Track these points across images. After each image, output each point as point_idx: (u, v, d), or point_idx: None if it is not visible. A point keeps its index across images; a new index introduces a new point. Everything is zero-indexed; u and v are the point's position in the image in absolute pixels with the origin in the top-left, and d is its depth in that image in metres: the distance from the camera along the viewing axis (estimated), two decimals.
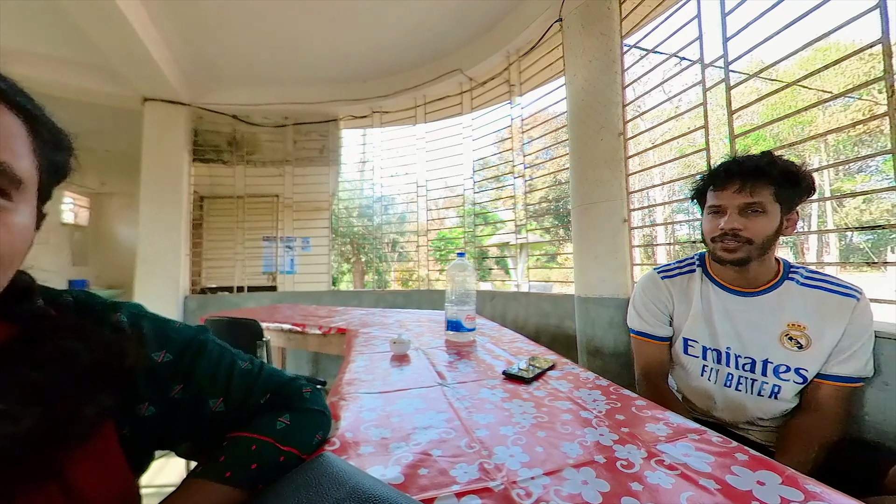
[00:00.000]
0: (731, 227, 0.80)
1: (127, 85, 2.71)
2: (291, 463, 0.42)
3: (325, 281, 3.28)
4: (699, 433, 0.52)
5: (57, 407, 0.30)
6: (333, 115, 3.31)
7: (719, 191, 0.83)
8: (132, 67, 2.48)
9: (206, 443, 0.43)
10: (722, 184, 0.82)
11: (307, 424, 0.47)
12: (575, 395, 0.68)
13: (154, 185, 2.90)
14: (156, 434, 0.40)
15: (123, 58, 2.36)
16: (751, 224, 0.79)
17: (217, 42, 2.60)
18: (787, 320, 0.81)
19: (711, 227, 0.84)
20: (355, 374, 0.81)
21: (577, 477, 0.43)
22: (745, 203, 0.79)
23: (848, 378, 0.77)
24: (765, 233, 0.79)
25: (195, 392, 0.42)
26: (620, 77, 1.69)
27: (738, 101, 1.28)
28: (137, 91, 2.81)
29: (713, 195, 0.85)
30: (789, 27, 1.08)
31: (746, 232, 0.79)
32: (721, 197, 0.82)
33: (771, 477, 0.41)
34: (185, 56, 2.70)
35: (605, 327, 1.66)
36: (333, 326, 1.48)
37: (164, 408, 0.39)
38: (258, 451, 0.40)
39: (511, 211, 2.62)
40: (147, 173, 2.89)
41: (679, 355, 0.94)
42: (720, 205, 0.83)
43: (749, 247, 0.79)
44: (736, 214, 0.80)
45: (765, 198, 0.78)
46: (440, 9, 2.33)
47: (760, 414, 0.85)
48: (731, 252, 0.81)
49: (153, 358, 0.40)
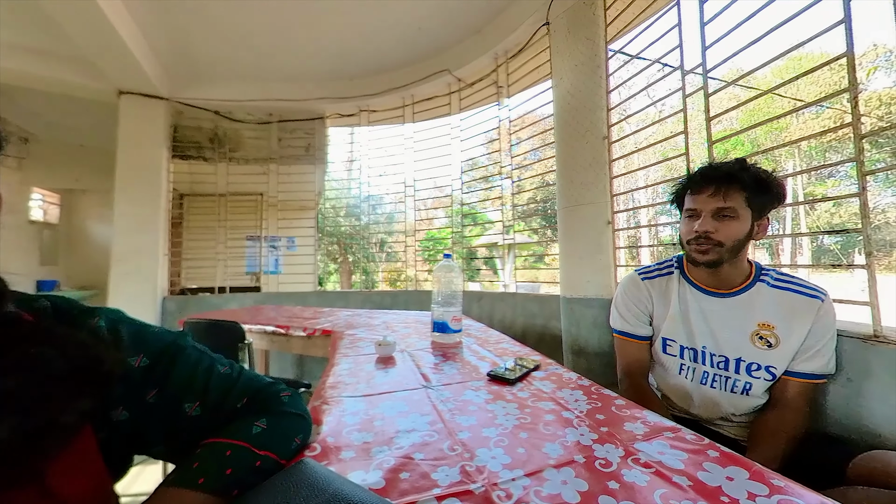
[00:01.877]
0: (704, 229, 0.83)
1: (101, 77, 2.60)
2: (269, 468, 0.41)
3: (310, 282, 3.23)
4: (674, 431, 0.54)
5: (34, 415, 0.29)
6: (320, 112, 3.26)
7: (695, 195, 0.87)
8: (107, 59, 2.38)
9: (184, 447, 0.42)
10: (698, 188, 0.86)
11: (285, 428, 0.46)
12: (558, 395, 0.69)
13: (130, 182, 2.79)
14: (131, 438, 0.39)
15: (97, 48, 2.27)
16: (723, 227, 0.82)
17: (198, 35, 2.53)
18: (758, 320, 0.84)
19: (687, 229, 0.88)
20: (339, 378, 0.80)
21: (557, 477, 0.43)
22: (717, 207, 0.82)
23: (812, 375, 0.81)
24: (736, 236, 0.82)
25: (171, 396, 0.42)
26: (605, 81, 1.73)
27: (717, 107, 1.33)
28: (113, 84, 2.70)
29: (690, 199, 0.89)
30: (764, 38, 1.12)
31: (718, 235, 0.82)
32: (696, 201, 0.86)
33: (739, 472, 0.43)
34: (164, 48, 2.61)
35: (589, 327, 1.69)
36: (318, 328, 1.46)
37: (137, 412, 0.39)
38: (233, 457, 0.40)
39: (499, 211, 2.64)
40: (123, 169, 2.78)
41: (658, 354, 0.97)
42: (695, 208, 0.86)
43: (720, 249, 0.83)
44: (709, 218, 0.83)
45: (737, 203, 0.81)
46: (429, 9, 2.32)
47: (733, 410, 0.88)
48: (703, 254, 0.85)
49: (130, 363, 0.39)
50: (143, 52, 2.47)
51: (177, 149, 3.09)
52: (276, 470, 0.41)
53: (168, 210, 2.99)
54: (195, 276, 3.39)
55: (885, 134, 3.47)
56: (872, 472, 0.66)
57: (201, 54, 2.74)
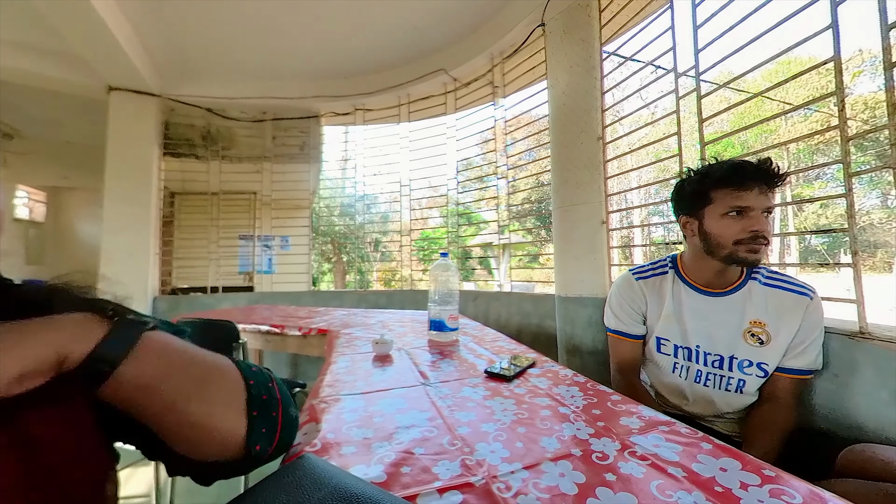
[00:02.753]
0: (764, 228, 0.79)
1: (90, 73, 2.55)
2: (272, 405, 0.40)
3: (304, 281, 3.20)
4: (669, 425, 0.55)
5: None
6: (314, 111, 3.24)
7: (744, 191, 0.79)
8: (97, 54, 2.34)
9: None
10: (748, 185, 0.79)
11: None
12: (554, 391, 0.70)
13: (120, 180, 2.75)
14: (118, 421, 0.37)
15: (87, 44, 2.23)
16: (768, 226, 0.80)
17: (190, 31, 2.49)
18: (750, 318, 0.86)
19: (737, 228, 0.80)
20: (337, 376, 0.80)
21: (555, 470, 0.44)
22: (767, 206, 0.80)
23: (801, 370, 0.83)
24: (771, 234, 0.81)
25: None
26: (600, 83, 1.75)
27: (709, 109, 1.35)
28: (102, 80, 2.65)
29: (735, 195, 0.80)
30: (754, 42, 1.15)
31: (768, 234, 0.80)
32: (747, 198, 0.79)
33: (732, 463, 0.44)
34: (156, 45, 2.57)
35: (583, 326, 1.71)
36: (314, 327, 1.45)
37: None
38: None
39: (494, 211, 2.65)
40: (112, 167, 2.73)
41: (652, 353, 0.98)
42: (747, 206, 0.79)
43: (766, 248, 0.81)
44: (761, 216, 0.80)
45: (774, 201, 0.81)
46: (425, 8, 2.33)
47: (727, 408, 0.90)
48: (755, 253, 0.80)
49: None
50: (134, 48, 2.43)
51: (168, 146, 3.05)
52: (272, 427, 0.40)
53: (159, 208, 2.95)
54: (187, 275, 3.34)
55: (869, 137, 3.56)
56: (858, 465, 0.68)
57: (194, 51, 2.71)
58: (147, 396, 0.31)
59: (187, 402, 0.33)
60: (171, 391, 0.32)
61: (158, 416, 0.33)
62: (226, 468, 0.38)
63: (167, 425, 0.33)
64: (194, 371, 0.35)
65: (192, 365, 0.36)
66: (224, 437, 0.36)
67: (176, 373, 0.34)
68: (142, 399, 0.31)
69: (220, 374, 0.38)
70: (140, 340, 0.32)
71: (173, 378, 0.33)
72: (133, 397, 0.31)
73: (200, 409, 0.34)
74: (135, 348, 0.31)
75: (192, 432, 0.34)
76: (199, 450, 0.35)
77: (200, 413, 0.34)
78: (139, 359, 0.31)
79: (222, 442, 0.36)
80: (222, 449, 0.36)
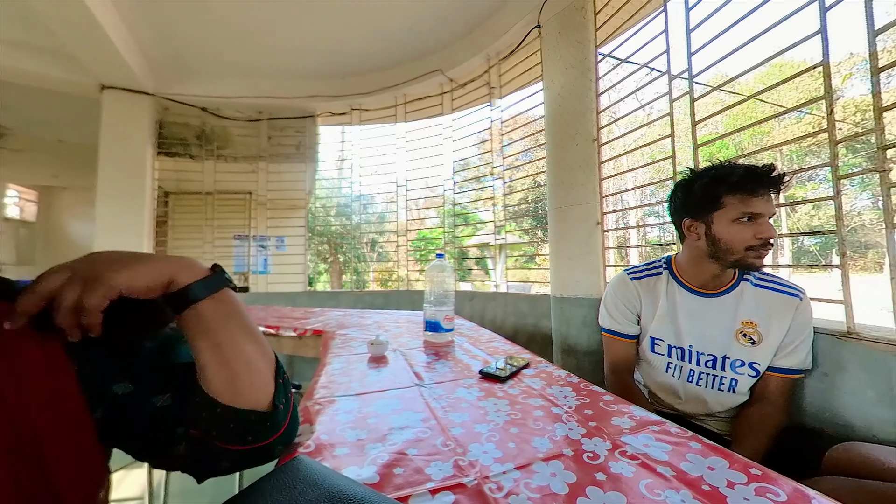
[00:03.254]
0: (772, 234, 0.80)
1: (83, 71, 2.53)
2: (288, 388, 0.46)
3: (300, 281, 3.19)
4: (659, 424, 0.56)
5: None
6: (311, 111, 3.23)
7: (754, 197, 0.80)
8: (89, 52, 2.31)
9: (156, 443, 0.41)
10: (757, 191, 0.80)
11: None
12: (547, 392, 0.70)
13: (113, 179, 2.72)
14: (122, 421, 0.40)
15: (79, 41, 2.20)
16: (774, 231, 0.81)
17: (185, 30, 2.48)
18: (742, 318, 0.87)
19: (748, 234, 0.81)
20: (331, 377, 0.80)
21: (547, 470, 0.45)
22: (773, 212, 0.81)
23: (791, 370, 0.85)
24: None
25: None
26: (595, 84, 1.76)
27: (702, 111, 1.36)
28: (95, 78, 2.62)
29: (747, 201, 0.80)
30: (746, 45, 1.16)
31: (775, 239, 0.81)
32: (757, 204, 0.80)
33: (720, 462, 0.45)
34: (150, 43, 2.55)
35: (578, 326, 1.72)
36: (309, 328, 1.45)
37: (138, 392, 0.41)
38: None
39: (491, 212, 2.65)
40: (105, 166, 2.71)
41: (646, 353, 0.99)
42: (758, 212, 0.80)
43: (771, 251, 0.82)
44: (768, 222, 0.81)
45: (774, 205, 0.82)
46: (421, 8, 2.33)
47: (719, 407, 0.91)
48: (762, 259, 0.81)
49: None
50: (127, 46, 2.41)
51: (162, 146, 3.03)
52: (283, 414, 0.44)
53: (153, 208, 2.92)
54: None
55: (861, 139, 3.58)
56: (845, 463, 0.69)
57: (188, 49, 2.69)
58: (215, 328, 0.40)
59: (243, 342, 0.42)
60: (233, 329, 0.41)
61: (220, 346, 0.40)
62: (244, 427, 0.41)
63: (223, 356, 0.40)
64: (251, 325, 0.44)
65: (249, 321, 0.44)
66: (262, 384, 0.42)
67: (239, 319, 0.42)
68: (212, 327, 0.40)
69: (263, 339, 0.45)
70: (221, 290, 0.41)
71: (236, 322, 0.42)
72: (206, 325, 0.40)
73: (251, 352, 0.42)
74: (216, 294, 0.41)
75: (241, 367, 0.41)
76: (240, 390, 0.40)
77: (251, 354, 0.42)
78: (216, 300, 0.40)
79: (257, 388, 0.42)
80: (258, 394, 0.42)
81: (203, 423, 0.40)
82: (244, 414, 0.40)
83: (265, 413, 0.41)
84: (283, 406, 0.43)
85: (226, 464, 0.42)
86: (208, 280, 0.41)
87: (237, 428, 0.40)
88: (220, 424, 0.39)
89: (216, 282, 0.41)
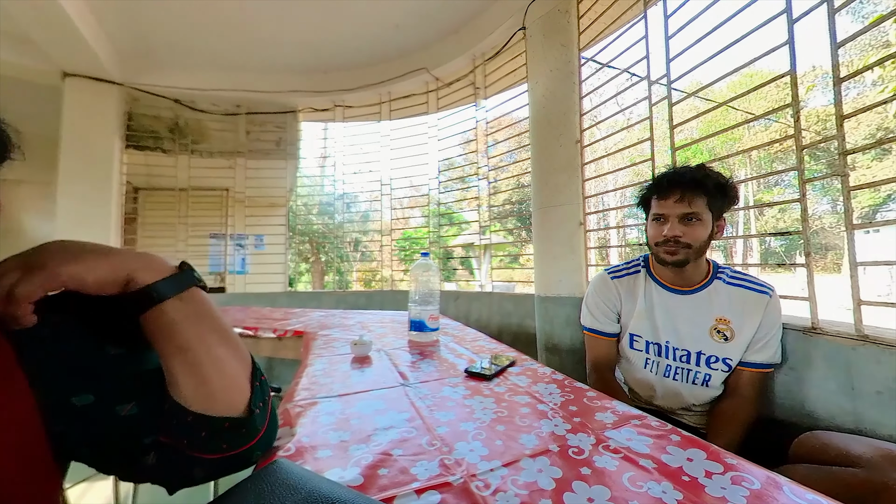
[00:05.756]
0: (673, 234, 0.88)
1: (42, 56, 2.36)
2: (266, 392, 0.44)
3: (280, 282, 3.11)
4: (640, 419, 0.57)
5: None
6: (292, 106, 3.15)
7: (662, 200, 0.91)
8: (49, 36, 2.16)
9: (122, 454, 0.38)
10: (665, 194, 0.90)
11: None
12: (533, 389, 0.71)
13: (76, 173, 2.56)
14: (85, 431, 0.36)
15: (38, 24, 2.06)
16: (689, 231, 0.88)
17: (156, 17, 2.36)
18: (716, 315, 0.91)
19: (656, 233, 0.93)
20: (313, 379, 0.78)
21: (533, 466, 0.45)
22: (684, 212, 0.88)
23: (762, 364, 0.89)
24: (701, 238, 0.88)
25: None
26: (578, 87, 1.79)
27: (680, 116, 1.41)
28: (56, 64, 2.46)
29: (657, 204, 0.93)
30: (720, 54, 1.21)
31: (686, 238, 0.88)
32: (664, 206, 0.91)
33: (698, 453, 0.46)
34: (117, 28, 2.41)
35: (562, 325, 1.74)
36: (290, 329, 1.41)
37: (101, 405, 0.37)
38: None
39: (475, 212, 2.66)
40: (67, 159, 2.55)
41: (626, 350, 1.02)
42: (663, 213, 0.91)
43: (688, 251, 0.88)
44: (677, 222, 0.88)
45: (700, 207, 0.87)
46: (408, 5, 2.31)
47: (694, 400, 0.94)
48: (672, 255, 0.90)
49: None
50: (92, 32, 2.27)
51: (131, 138, 2.87)
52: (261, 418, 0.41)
53: (121, 205, 2.77)
54: None
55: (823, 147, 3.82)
56: (811, 451, 0.73)
57: (160, 38, 2.57)
58: (183, 330, 0.37)
59: (215, 344, 0.39)
60: (203, 331, 0.38)
61: (189, 349, 0.37)
62: (218, 436, 0.38)
63: (194, 360, 0.37)
64: (223, 326, 0.41)
65: (222, 322, 0.41)
66: (237, 388, 0.39)
67: (210, 320, 0.39)
68: (180, 330, 0.37)
69: (238, 341, 0.42)
70: (188, 289, 0.38)
71: (207, 323, 0.39)
72: (172, 328, 0.37)
73: (225, 354, 0.39)
74: (183, 294, 0.38)
75: (213, 372, 0.38)
76: (211, 396, 0.37)
77: (224, 356, 0.39)
78: (183, 300, 0.37)
79: (231, 394, 0.39)
80: (232, 399, 0.39)
81: (173, 432, 0.37)
82: (218, 421, 0.37)
83: (240, 419, 0.39)
84: (259, 410, 0.41)
85: (199, 473, 0.39)
86: (175, 278, 0.38)
87: (210, 436, 0.37)
88: (191, 433, 0.37)
89: (183, 280, 0.38)
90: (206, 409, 0.37)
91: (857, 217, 1.96)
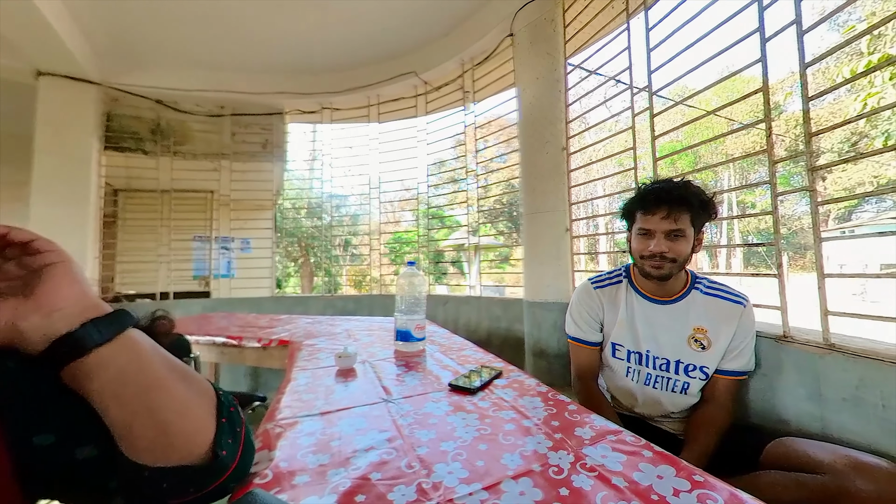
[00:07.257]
0: (660, 250, 0.89)
1: (14, 53, 2.27)
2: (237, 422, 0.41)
3: (267, 286, 3.06)
4: (616, 434, 0.58)
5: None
6: (279, 107, 3.10)
7: (649, 215, 0.92)
8: (21, 33, 2.08)
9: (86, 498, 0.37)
10: (651, 209, 0.91)
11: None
12: (519, 403, 0.71)
13: (52, 175, 2.47)
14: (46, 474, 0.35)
15: (8, 20, 1.97)
16: (675, 246, 0.89)
17: (136, 15, 2.29)
18: (693, 324, 0.93)
19: (641, 246, 0.93)
20: (296, 395, 0.77)
21: (515, 489, 0.45)
22: (670, 229, 0.89)
23: (736, 372, 0.92)
24: (685, 253, 0.90)
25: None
26: (564, 95, 1.82)
27: (662, 126, 1.45)
28: (29, 62, 2.37)
29: (643, 218, 0.93)
30: (701, 66, 1.24)
31: (671, 253, 0.89)
32: (650, 221, 0.91)
33: (668, 470, 0.48)
34: (95, 26, 2.34)
35: (549, 330, 1.77)
36: (275, 338, 1.39)
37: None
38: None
39: (465, 215, 2.67)
40: (42, 160, 2.46)
41: (608, 358, 1.04)
42: (649, 229, 0.91)
43: (672, 265, 0.90)
44: (663, 238, 0.90)
45: (685, 224, 0.89)
46: (396, 8, 2.30)
47: (673, 408, 0.97)
48: (658, 269, 0.91)
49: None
50: (68, 29, 2.19)
51: (111, 139, 2.79)
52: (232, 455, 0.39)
53: (99, 207, 2.69)
54: (133, 280, 3.08)
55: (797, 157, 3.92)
56: (780, 458, 0.76)
57: (141, 37, 2.50)
58: (121, 383, 0.32)
59: (162, 391, 0.34)
60: (146, 380, 0.33)
61: (131, 402, 0.32)
62: (182, 483, 0.35)
63: (146, 407, 0.33)
64: (170, 366, 0.36)
65: (168, 362, 0.36)
66: (194, 433, 0.35)
67: (152, 365, 0.34)
68: (115, 384, 0.32)
69: (194, 376, 0.38)
70: (124, 333, 0.33)
71: (149, 370, 0.34)
72: (113, 379, 0.32)
73: (174, 401, 0.34)
74: (114, 340, 0.32)
75: (163, 424, 0.33)
76: (165, 448, 0.34)
77: (174, 404, 0.34)
78: (120, 345, 0.32)
79: (192, 438, 0.35)
80: (191, 447, 0.35)
81: (131, 487, 0.35)
82: (178, 471, 0.34)
83: (204, 465, 0.36)
84: (227, 451, 0.38)
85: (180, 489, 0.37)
86: (105, 321, 0.32)
87: (174, 485, 0.35)
88: (151, 485, 0.34)
89: (115, 322, 0.33)
90: (165, 461, 0.34)
91: (833, 218, 2.00)
